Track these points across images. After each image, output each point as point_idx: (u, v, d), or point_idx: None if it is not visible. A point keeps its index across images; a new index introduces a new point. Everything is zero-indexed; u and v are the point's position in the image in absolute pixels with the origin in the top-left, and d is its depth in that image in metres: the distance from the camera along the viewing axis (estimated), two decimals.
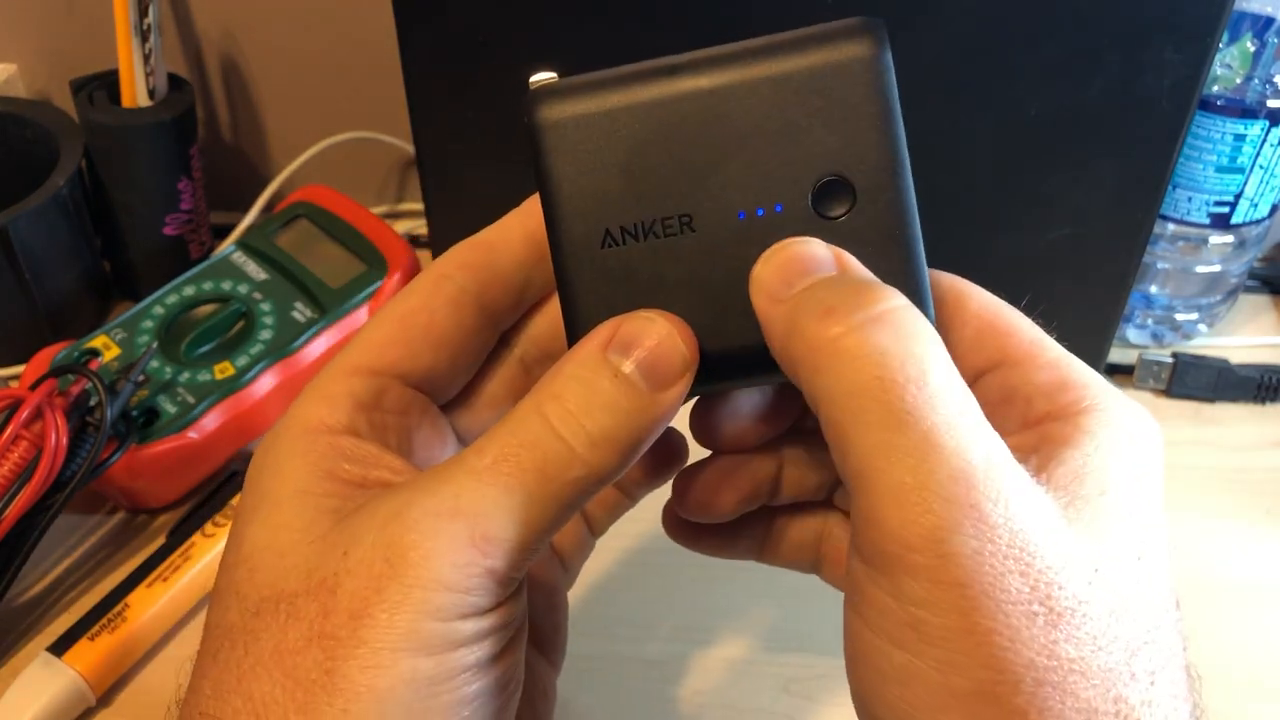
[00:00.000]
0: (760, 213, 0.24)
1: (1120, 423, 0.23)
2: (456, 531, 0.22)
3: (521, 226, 0.27)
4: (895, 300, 0.22)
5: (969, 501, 0.20)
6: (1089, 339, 0.50)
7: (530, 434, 0.23)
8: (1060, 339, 0.27)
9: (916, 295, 0.24)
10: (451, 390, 0.28)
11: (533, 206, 0.27)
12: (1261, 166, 0.51)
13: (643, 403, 0.23)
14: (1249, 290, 0.60)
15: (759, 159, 0.24)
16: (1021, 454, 0.22)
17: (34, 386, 0.44)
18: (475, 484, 0.22)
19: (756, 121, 0.24)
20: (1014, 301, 0.26)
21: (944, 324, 0.25)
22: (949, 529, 0.20)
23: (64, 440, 0.42)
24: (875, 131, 0.24)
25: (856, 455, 0.21)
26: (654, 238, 0.25)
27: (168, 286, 0.52)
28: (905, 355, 0.21)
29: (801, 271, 0.23)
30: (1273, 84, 0.49)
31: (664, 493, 0.30)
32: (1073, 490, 0.22)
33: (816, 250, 0.23)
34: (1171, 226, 0.54)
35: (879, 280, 0.23)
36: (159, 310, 0.51)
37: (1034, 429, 0.24)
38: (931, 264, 0.25)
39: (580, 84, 0.25)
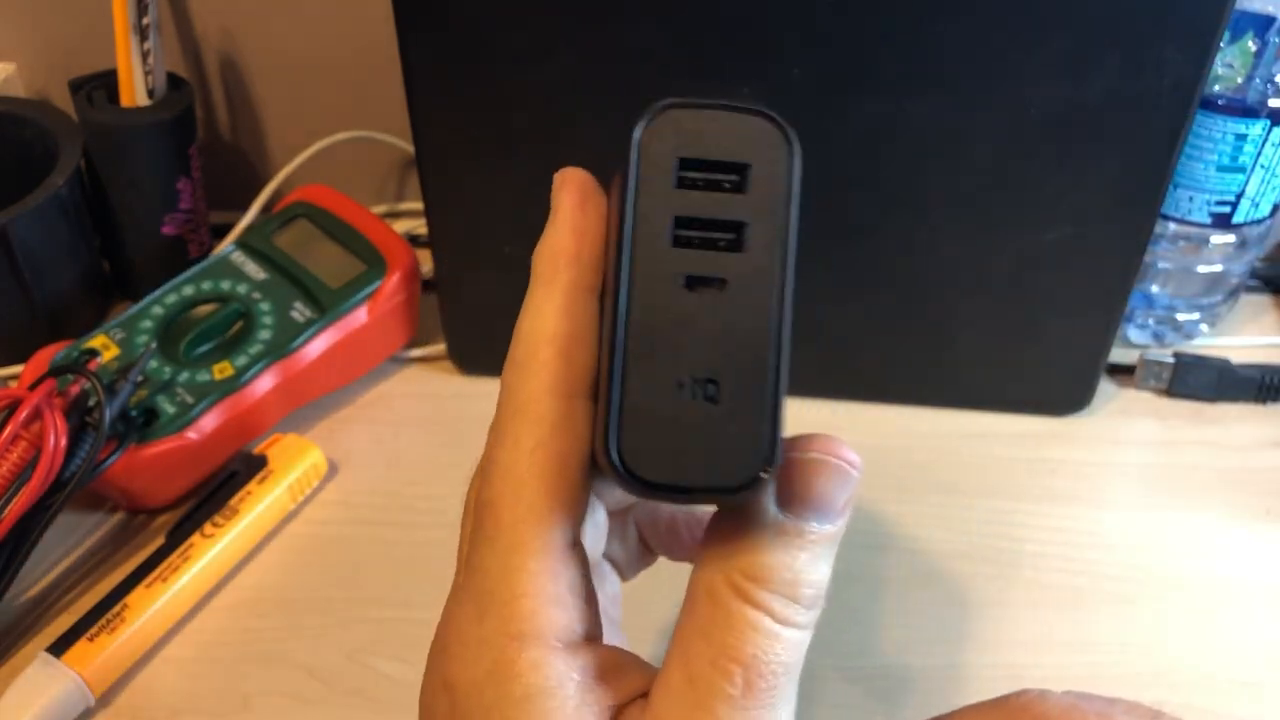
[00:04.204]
0: None
1: None
2: None
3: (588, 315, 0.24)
4: None
5: None
6: (1089, 339, 0.50)
7: (758, 635, 0.22)
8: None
9: None
10: None
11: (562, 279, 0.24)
12: (1263, 166, 0.51)
13: (832, 543, 0.22)
14: (1250, 290, 0.60)
15: None
16: None
17: (33, 386, 0.44)
18: (744, 714, 0.22)
19: None
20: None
21: None
22: None
23: (63, 440, 0.42)
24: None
25: None
26: None
27: (167, 286, 0.52)
28: None
29: None
30: (1274, 83, 0.49)
31: None
32: None
33: None
34: (1173, 226, 0.53)
35: None
36: (158, 310, 0.51)
37: None
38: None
39: None
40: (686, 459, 0.20)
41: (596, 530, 0.30)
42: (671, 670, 0.22)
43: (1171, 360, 0.54)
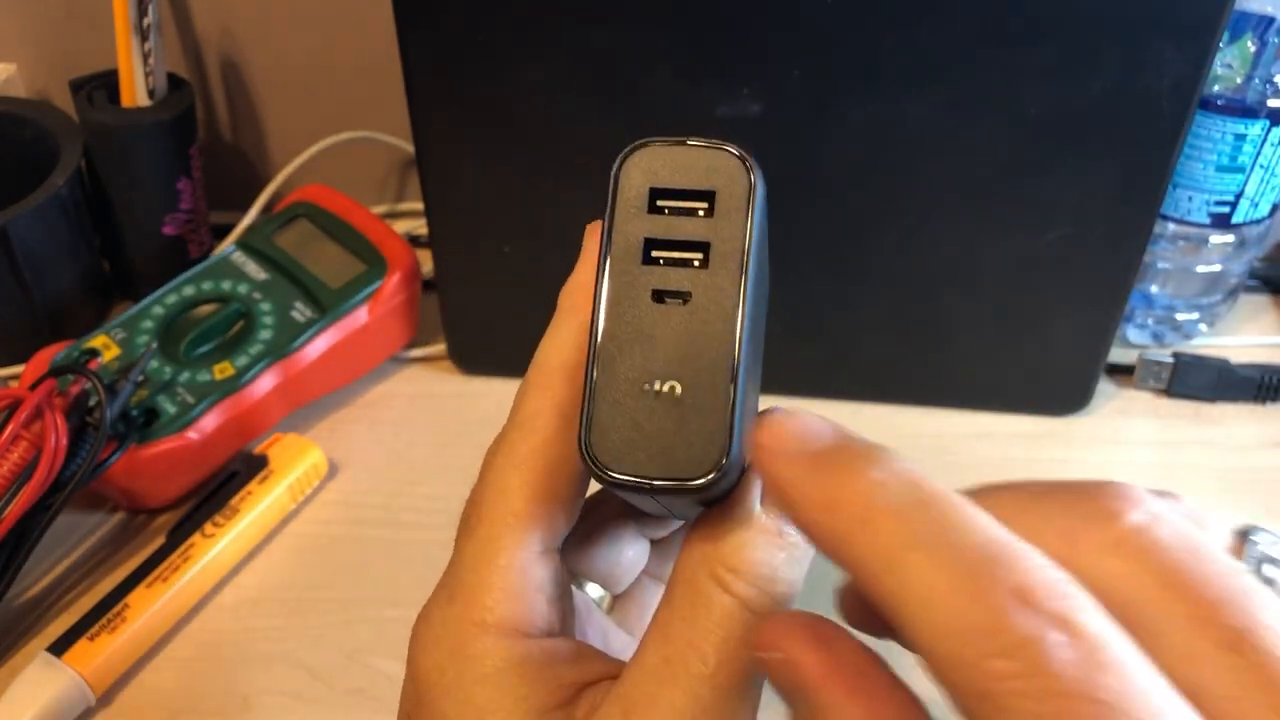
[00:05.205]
0: None
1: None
2: None
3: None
4: None
5: None
6: (1089, 339, 0.50)
7: (733, 621, 0.22)
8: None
9: None
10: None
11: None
12: (1262, 166, 0.51)
13: (809, 552, 0.23)
14: (1249, 290, 0.60)
15: None
16: None
17: (33, 386, 0.44)
18: (712, 692, 0.22)
19: None
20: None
21: None
22: None
23: (63, 440, 0.43)
24: None
25: None
26: None
27: (167, 286, 0.52)
28: None
29: None
30: (1273, 84, 0.49)
31: None
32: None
33: None
34: (1172, 226, 0.54)
35: None
36: (159, 310, 0.51)
37: None
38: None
39: None
40: (649, 455, 0.21)
41: (615, 554, 0.31)
42: (647, 651, 0.23)
43: (1170, 360, 0.54)
